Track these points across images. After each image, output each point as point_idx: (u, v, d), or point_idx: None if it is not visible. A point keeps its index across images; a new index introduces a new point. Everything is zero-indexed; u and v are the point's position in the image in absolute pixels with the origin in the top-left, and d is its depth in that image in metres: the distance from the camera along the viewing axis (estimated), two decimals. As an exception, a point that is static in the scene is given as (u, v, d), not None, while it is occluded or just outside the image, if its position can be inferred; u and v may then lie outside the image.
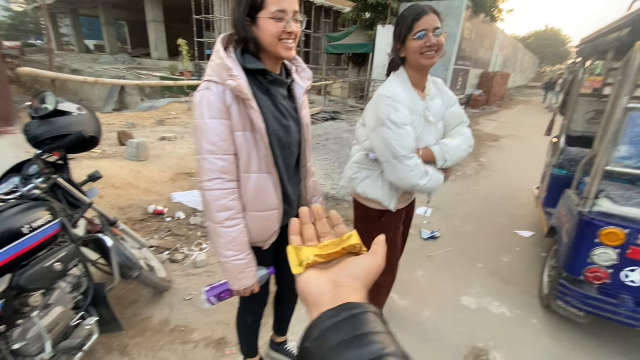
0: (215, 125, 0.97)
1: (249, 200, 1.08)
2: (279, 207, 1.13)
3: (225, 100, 0.96)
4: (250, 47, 0.97)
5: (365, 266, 0.38)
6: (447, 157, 1.33)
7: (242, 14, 0.94)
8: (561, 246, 2.05)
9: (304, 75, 1.14)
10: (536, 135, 8.12)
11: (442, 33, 1.21)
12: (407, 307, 2.15)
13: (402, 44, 1.25)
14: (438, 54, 1.22)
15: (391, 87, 1.29)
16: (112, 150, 4.36)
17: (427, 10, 1.19)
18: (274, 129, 1.03)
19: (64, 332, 1.38)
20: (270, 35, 0.93)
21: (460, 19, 9.97)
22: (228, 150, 0.99)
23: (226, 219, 1.04)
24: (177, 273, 2.29)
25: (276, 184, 1.09)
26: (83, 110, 1.53)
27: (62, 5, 25.42)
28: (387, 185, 1.39)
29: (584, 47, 2.79)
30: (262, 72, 1.00)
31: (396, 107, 1.24)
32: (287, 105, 1.09)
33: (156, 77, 13.03)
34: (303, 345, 0.31)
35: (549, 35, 46.72)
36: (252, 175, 1.05)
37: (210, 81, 0.97)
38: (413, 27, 1.19)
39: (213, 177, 1.00)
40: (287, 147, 1.10)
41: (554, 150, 3.06)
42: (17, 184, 1.42)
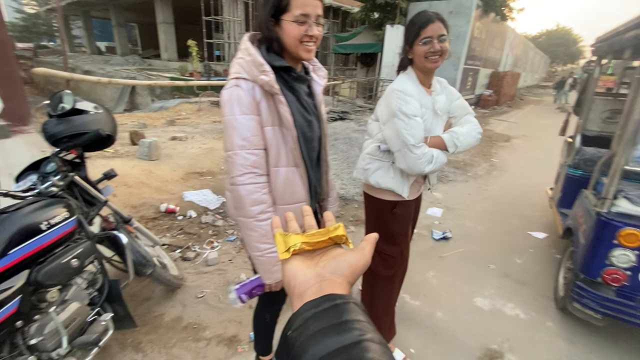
0: (246, 120, 0.99)
1: (278, 193, 1.10)
2: (306, 199, 1.15)
3: (255, 96, 0.99)
4: (274, 46, 1.00)
5: (352, 262, 0.38)
6: (457, 144, 1.40)
7: (267, 15, 0.96)
8: (578, 247, 2.00)
9: (320, 74, 1.19)
10: (548, 135, 8.00)
11: (447, 39, 1.32)
12: (419, 308, 2.13)
13: (410, 47, 1.37)
14: (442, 58, 1.33)
15: (402, 82, 1.40)
16: (125, 149, 4.42)
17: (433, 19, 1.30)
18: (300, 123, 1.07)
19: (80, 328, 1.39)
20: (292, 37, 0.96)
21: (470, 18, 9.86)
22: (259, 145, 1.02)
23: (259, 212, 1.05)
24: (189, 271, 2.31)
25: (303, 177, 1.12)
26: (100, 109, 1.55)
27: (75, 8, 25.89)
28: (398, 174, 1.47)
29: (599, 46, 2.73)
30: (286, 69, 1.03)
31: (407, 99, 1.34)
32: (309, 102, 1.13)
33: (166, 77, 13.18)
34: (284, 334, 0.31)
35: (560, 34, 46.02)
36: (281, 168, 1.08)
37: (239, 78, 0.99)
38: (420, 33, 1.31)
39: (245, 171, 1.02)
40: (310, 141, 1.13)
41: (569, 150, 3.01)
42: (35, 181, 1.44)
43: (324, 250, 0.41)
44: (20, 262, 1.19)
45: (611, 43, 2.43)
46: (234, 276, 2.26)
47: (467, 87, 11.58)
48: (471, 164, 5.45)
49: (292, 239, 0.40)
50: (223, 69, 14.80)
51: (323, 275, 0.37)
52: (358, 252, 0.39)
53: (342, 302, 0.32)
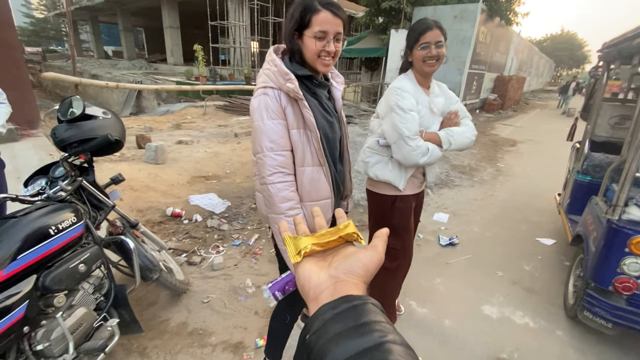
0: (274, 124, 1.09)
1: (305, 191, 1.18)
2: (331, 196, 1.24)
3: (281, 102, 1.09)
4: (296, 57, 1.11)
5: (365, 261, 0.37)
6: (451, 141, 1.50)
7: (292, 29, 1.07)
8: (588, 255, 1.97)
9: (338, 80, 1.30)
10: (554, 140, 7.94)
11: (444, 45, 1.43)
12: (427, 315, 2.10)
13: (410, 51, 1.49)
14: (438, 62, 1.45)
15: (400, 81, 1.52)
16: (131, 153, 4.45)
17: (432, 26, 1.40)
18: (322, 124, 1.17)
19: (86, 333, 1.39)
20: (311, 51, 1.07)
21: (475, 22, 9.85)
22: (286, 147, 1.12)
23: (289, 209, 1.13)
24: (195, 275, 2.30)
25: (327, 175, 1.20)
26: (108, 114, 1.56)
27: (83, 13, 26.28)
28: (396, 167, 1.56)
29: (607, 51, 2.70)
30: (308, 77, 1.13)
31: (403, 95, 1.45)
32: (330, 105, 1.24)
33: (172, 81, 13.30)
34: (303, 337, 0.31)
35: (565, 39, 45.89)
36: (306, 168, 1.17)
37: (266, 87, 1.09)
38: (419, 39, 1.42)
39: (274, 171, 1.10)
40: (333, 141, 1.22)
41: (577, 156, 2.97)
42: (44, 186, 1.45)
43: (336, 249, 0.40)
44: (28, 266, 1.19)
45: (620, 49, 2.41)
46: (240, 281, 2.25)
47: (472, 91, 11.55)
48: (477, 169, 5.41)
49: (302, 241, 0.39)
50: (228, 73, 14.91)
51: (337, 276, 0.36)
52: (371, 250, 0.39)
53: (359, 303, 0.31)
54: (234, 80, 13.35)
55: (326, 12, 1.02)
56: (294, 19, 1.06)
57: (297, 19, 1.05)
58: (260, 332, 1.85)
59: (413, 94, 1.47)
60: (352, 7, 19.54)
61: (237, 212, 3.22)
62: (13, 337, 1.16)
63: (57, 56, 27.28)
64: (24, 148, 4.23)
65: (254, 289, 2.19)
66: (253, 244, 2.73)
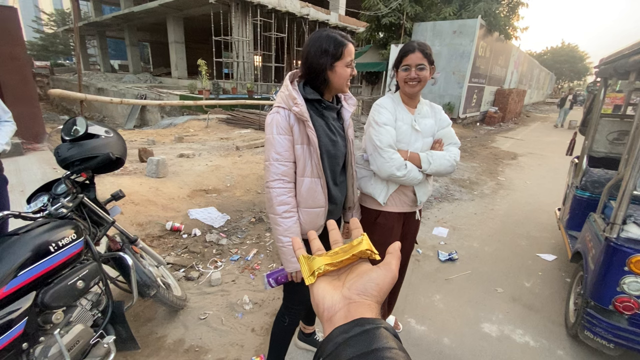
0: (281, 139, 1.27)
1: (302, 198, 1.34)
2: (325, 205, 1.38)
3: (290, 121, 1.27)
4: (317, 83, 1.28)
5: (378, 281, 0.37)
6: (430, 161, 1.52)
7: (328, 62, 1.23)
8: (587, 273, 1.96)
9: (351, 102, 1.45)
10: (555, 153, 7.95)
11: (426, 68, 1.47)
12: (426, 333, 2.08)
13: (396, 72, 1.56)
14: (420, 84, 1.49)
15: (382, 99, 1.60)
16: (133, 166, 4.49)
17: (415, 49, 1.46)
18: (325, 143, 1.33)
19: (83, 350, 1.39)
20: (344, 77, 1.27)
21: (474, 37, 10.02)
22: (289, 159, 1.29)
23: (284, 211, 1.30)
24: (192, 291, 2.30)
25: (323, 187, 1.35)
26: (110, 133, 1.60)
27: (91, 28, 26.97)
28: (378, 181, 1.61)
29: (604, 68, 2.75)
30: (318, 100, 1.31)
31: (380, 111, 1.54)
32: (337, 125, 1.39)
33: (176, 95, 13.51)
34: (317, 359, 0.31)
35: (566, 52, 46.34)
36: (306, 178, 1.32)
37: (279, 107, 1.28)
38: (401, 61, 1.49)
39: (276, 178, 1.28)
40: (334, 158, 1.38)
41: (576, 171, 2.98)
42: (46, 203, 1.48)
43: (350, 266, 0.40)
44: (28, 283, 1.21)
45: (616, 66, 2.45)
46: (237, 298, 2.24)
47: (472, 104, 11.65)
48: (477, 183, 5.41)
49: (315, 262, 0.39)
50: (231, 86, 15.14)
51: (350, 297, 0.36)
52: (384, 268, 0.38)
53: (372, 327, 0.31)
54: (237, 94, 13.54)
55: (350, 44, 1.25)
56: (329, 54, 1.22)
57: (333, 53, 1.23)
58: (257, 350, 1.84)
59: (391, 111, 1.54)
60: (353, 22, 19.94)
61: (236, 225, 3.23)
62: (12, 353, 1.17)
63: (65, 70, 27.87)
64: (29, 162, 4.29)
65: (251, 305, 2.19)
66: (251, 259, 2.73)
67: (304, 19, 17.80)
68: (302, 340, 1.88)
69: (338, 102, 1.42)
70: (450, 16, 10.93)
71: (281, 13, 16.43)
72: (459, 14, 11.21)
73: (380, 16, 11.14)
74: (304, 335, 1.88)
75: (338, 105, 1.41)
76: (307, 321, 1.86)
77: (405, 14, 10.81)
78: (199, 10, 17.17)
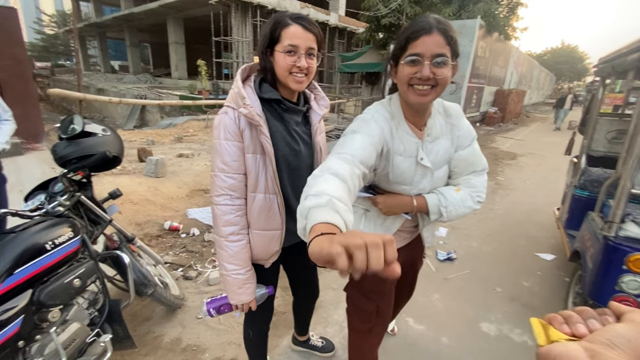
0: (229, 146, 1.05)
1: (253, 218, 1.13)
2: (281, 227, 1.17)
3: (240, 124, 1.04)
4: (268, 76, 1.06)
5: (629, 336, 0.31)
6: (443, 212, 1.06)
7: (263, 45, 1.03)
8: (586, 272, 1.95)
9: (322, 103, 1.21)
10: (555, 153, 7.94)
11: (447, 63, 0.88)
12: (424, 333, 2.08)
13: (395, 65, 0.96)
14: (436, 90, 0.91)
15: (372, 109, 1.04)
16: (132, 166, 4.50)
17: (430, 28, 0.86)
18: (284, 152, 1.10)
19: (79, 349, 1.39)
20: (281, 67, 1.01)
21: (474, 37, 10.03)
22: (238, 170, 1.07)
23: (230, 234, 1.11)
24: (190, 290, 2.30)
25: (281, 205, 1.14)
26: (107, 131, 1.59)
27: (91, 29, 27.03)
28: (371, 224, 1.16)
29: (602, 67, 2.75)
30: (276, 100, 1.08)
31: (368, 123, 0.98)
32: (301, 131, 1.15)
33: (176, 95, 13.54)
34: None
35: (565, 52, 46.38)
36: (258, 194, 1.11)
37: (228, 106, 1.06)
38: (406, 47, 0.90)
39: (222, 192, 1.08)
40: (296, 170, 1.15)
41: (575, 170, 2.98)
42: (43, 201, 1.48)
43: None
44: (24, 281, 1.20)
45: (614, 65, 2.45)
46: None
47: (471, 104, 11.65)
48: (477, 183, 5.41)
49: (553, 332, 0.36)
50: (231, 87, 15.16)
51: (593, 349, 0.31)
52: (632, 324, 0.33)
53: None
54: (237, 94, 13.54)
55: (296, 26, 0.98)
56: (266, 34, 1.02)
57: (267, 34, 1.01)
58: (255, 349, 1.83)
59: (383, 128, 0.98)
60: (352, 23, 19.97)
61: (235, 225, 3.23)
62: (8, 351, 1.17)
63: (65, 71, 27.90)
64: (28, 162, 4.30)
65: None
66: (250, 258, 2.73)
67: (304, 19, 17.79)
68: (296, 344, 1.86)
69: (306, 102, 1.18)
70: (449, 17, 10.94)
71: (281, 14, 16.43)
72: (459, 14, 11.23)
73: (380, 17, 11.15)
74: (299, 342, 1.84)
75: (304, 106, 1.15)
76: (299, 331, 1.80)
77: (405, 14, 10.82)
78: (199, 11, 17.21)
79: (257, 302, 1.21)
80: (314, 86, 1.21)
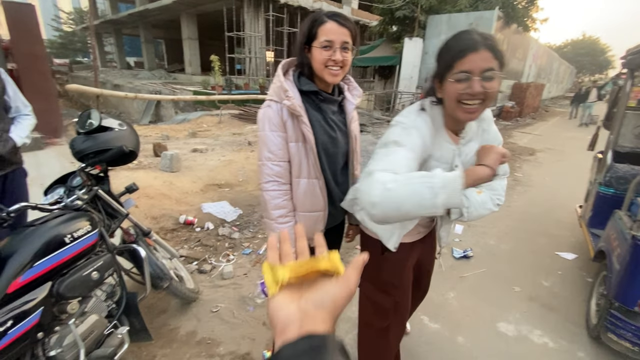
0: (274, 136, 1.15)
1: (299, 201, 1.23)
2: (324, 208, 1.26)
3: (282, 115, 1.14)
4: (305, 70, 1.15)
5: (335, 295, 0.37)
6: (464, 212, 1.05)
7: (301, 42, 1.12)
8: (612, 273, 1.87)
9: (355, 93, 1.30)
10: (575, 149, 7.67)
11: (496, 77, 0.88)
12: (439, 332, 2.04)
13: (440, 82, 0.96)
14: (484, 105, 0.91)
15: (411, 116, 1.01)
16: (148, 161, 4.56)
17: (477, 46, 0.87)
18: (322, 140, 1.19)
19: (97, 340, 1.41)
20: (318, 61, 1.10)
21: (491, 29, 9.74)
22: (283, 158, 1.17)
23: (279, 216, 1.20)
24: (205, 284, 2.32)
25: (322, 188, 1.23)
26: (124, 126, 1.60)
27: (107, 26, 27.52)
28: None
29: (631, 58, 2.61)
30: (314, 92, 1.17)
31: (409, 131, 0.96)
32: (337, 119, 1.24)
33: (189, 91, 13.67)
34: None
35: (587, 44, 44.72)
36: (302, 179, 1.20)
37: (271, 100, 1.15)
38: (453, 65, 0.90)
39: (270, 179, 1.18)
40: (333, 157, 1.24)
41: (600, 167, 2.86)
42: (62, 195, 1.50)
43: (312, 280, 0.40)
44: (44, 274, 1.22)
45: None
46: (249, 291, 2.25)
47: (488, 99, 11.36)
48: (493, 179, 5.27)
49: (279, 272, 0.39)
50: (244, 82, 15.21)
51: (306, 310, 0.36)
52: (342, 283, 0.38)
53: (318, 344, 0.32)
54: (249, 90, 13.60)
55: (332, 23, 1.07)
56: (304, 32, 1.11)
57: (305, 32, 1.10)
58: (268, 344, 1.84)
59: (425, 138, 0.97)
60: (365, 16, 19.69)
61: (248, 220, 3.24)
62: (28, 342, 1.19)
63: (83, 67, 28.56)
64: (48, 156, 4.41)
65: (263, 299, 2.19)
66: (263, 252, 2.73)
67: (316, 13, 17.65)
68: None
69: (340, 93, 1.26)
70: (466, 8, 10.65)
71: (293, 7, 16.34)
72: (476, 5, 10.91)
73: (394, 9, 10.94)
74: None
75: (339, 97, 1.24)
76: None
77: (420, 6, 10.58)
78: (212, 6, 17.26)
79: None
80: (347, 77, 1.27)
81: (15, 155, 1.88)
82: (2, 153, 1.76)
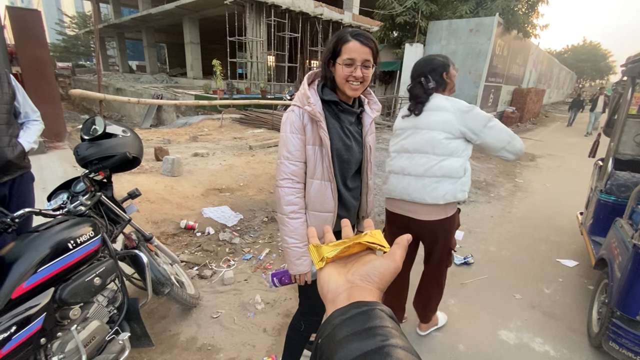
0: (293, 138, 1.25)
1: (310, 200, 1.31)
2: (334, 210, 1.33)
3: (303, 120, 1.24)
4: (328, 83, 1.25)
5: (381, 269, 0.39)
6: None
7: (327, 57, 1.22)
8: (613, 281, 1.87)
9: (374, 107, 1.38)
10: (575, 154, 7.68)
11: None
12: (440, 339, 2.03)
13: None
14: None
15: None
16: (149, 165, 4.58)
17: None
18: (337, 146, 1.28)
19: (98, 347, 1.41)
20: (340, 76, 1.20)
21: (491, 35, 9.79)
22: (300, 158, 1.27)
23: (291, 212, 1.28)
24: (205, 289, 2.32)
25: (334, 191, 1.31)
26: (127, 133, 1.62)
27: (110, 30, 27.73)
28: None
29: (632, 66, 2.62)
30: (334, 102, 1.26)
31: None
32: (353, 130, 1.33)
33: (191, 95, 13.73)
34: (317, 341, 0.33)
35: (587, 50, 44.81)
36: (315, 180, 1.29)
37: (295, 105, 1.27)
38: None
39: (285, 177, 1.27)
40: (347, 163, 1.32)
41: (600, 174, 2.86)
42: (65, 200, 1.51)
43: (357, 256, 0.42)
44: (47, 279, 1.23)
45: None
46: (249, 297, 2.25)
47: (488, 104, 11.38)
48: (494, 184, 5.28)
49: (324, 249, 0.42)
50: (245, 86, 15.29)
51: (353, 281, 0.38)
52: (388, 258, 0.40)
53: (367, 309, 0.33)
54: (250, 94, 13.66)
55: (355, 42, 1.16)
56: (330, 48, 1.21)
57: (330, 48, 1.20)
58: (268, 351, 1.83)
59: None
60: (367, 21, 19.83)
61: (249, 225, 3.24)
62: (31, 348, 1.19)
63: (85, 71, 28.71)
64: (50, 160, 4.43)
65: (263, 305, 2.18)
66: (264, 258, 2.73)
67: (318, 18, 17.80)
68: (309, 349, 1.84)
69: (360, 105, 1.35)
70: (466, 14, 10.71)
71: (295, 13, 16.47)
72: (476, 11, 10.98)
73: (395, 15, 11.01)
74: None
75: (358, 109, 1.33)
76: None
77: (420, 12, 10.65)
78: (214, 11, 17.41)
79: (312, 277, 1.34)
80: (368, 92, 1.37)
81: (23, 160, 1.89)
82: (10, 158, 1.77)
